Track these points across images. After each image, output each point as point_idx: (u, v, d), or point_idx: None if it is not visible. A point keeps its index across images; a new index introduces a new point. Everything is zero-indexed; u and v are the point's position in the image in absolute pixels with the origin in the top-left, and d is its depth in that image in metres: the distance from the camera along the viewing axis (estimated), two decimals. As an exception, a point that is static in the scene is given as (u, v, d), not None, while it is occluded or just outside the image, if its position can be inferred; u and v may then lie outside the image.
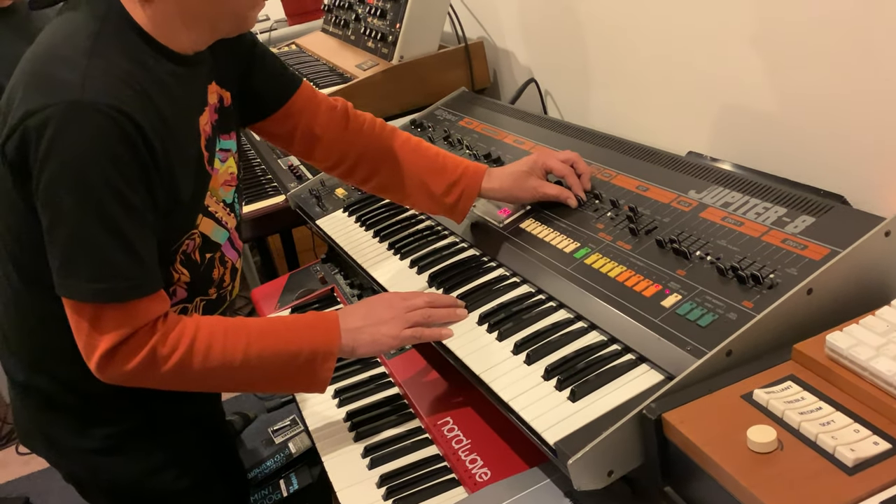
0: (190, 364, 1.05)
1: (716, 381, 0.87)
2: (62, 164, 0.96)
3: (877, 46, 1.02)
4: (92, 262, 0.99)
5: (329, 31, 2.45)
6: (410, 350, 1.44)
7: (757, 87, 1.25)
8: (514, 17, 1.94)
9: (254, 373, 1.11)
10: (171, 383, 1.08)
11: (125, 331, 1.02)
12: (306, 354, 1.12)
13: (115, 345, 1.02)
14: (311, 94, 1.35)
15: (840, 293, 0.93)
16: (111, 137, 0.96)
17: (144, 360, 1.03)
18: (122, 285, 1.00)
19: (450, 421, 1.23)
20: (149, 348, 1.03)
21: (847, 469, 0.71)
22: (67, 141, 0.95)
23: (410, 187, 1.35)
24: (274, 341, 1.11)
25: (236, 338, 1.09)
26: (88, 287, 0.99)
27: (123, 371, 1.03)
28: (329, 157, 1.37)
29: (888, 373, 0.76)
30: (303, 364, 1.12)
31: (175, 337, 1.05)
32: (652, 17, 1.44)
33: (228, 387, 1.19)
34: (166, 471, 1.26)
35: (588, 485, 0.88)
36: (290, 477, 2.10)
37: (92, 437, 1.21)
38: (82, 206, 0.97)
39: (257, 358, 1.09)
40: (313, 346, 1.13)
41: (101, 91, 0.97)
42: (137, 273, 1.02)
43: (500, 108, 1.77)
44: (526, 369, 1.04)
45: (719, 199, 1.14)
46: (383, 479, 1.16)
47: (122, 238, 0.99)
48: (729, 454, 0.76)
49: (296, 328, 1.14)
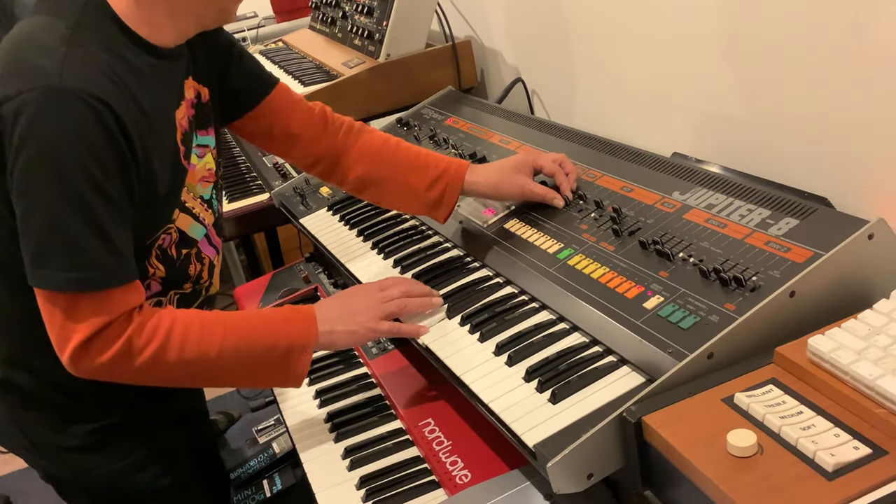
0: (165, 356, 1.04)
1: (697, 384, 0.86)
2: (38, 150, 0.94)
3: (860, 49, 1.01)
4: (66, 251, 0.97)
5: (316, 28, 2.44)
6: (392, 351, 1.43)
7: (742, 89, 1.25)
8: (502, 17, 1.94)
9: (229, 366, 1.09)
10: (145, 377, 1.06)
11: (100, 321, 0.99)
12: (282, 348, 1.10)
13: (90, 336, 0.99)
14: (287, 93, 1.35)
15: (823, 296, 0.93)
16: (89, 124, 0.95)
17: (119, 352, 1.01)
18: (97, 274, 0.98)
19: (431, 422, 1.22)
20: (123, 339, 1.01)
21: (827, 474, 0.70)
22: (44, 127, 0.93)
23: (392, 185, 1.34)
24: (250, 334, 1.09)
25: (212, 330, 1.07)
26: (62, 276, 0.97)
27: (97, 363, 1.01)
28: (308, 155, 1.36)
29: (869, 377, 0.75)
30: (279, 358, 1.11)
31: (151, 328, 1.03)
32: (639, 19, 1.44)
33: (203, 381, 1.17)
34: (147, 469, 1.24)
35: (567, 488, 0.87)
36: (273, 477, 2.09)
37: (73, 435, 1.19)
38: (57, 194, 0.95)
39: (233, 350, 1.07)
40: (289, 339, 1.11)
41: (80, 78, 0.95)
42: (113, 262, 1.00)
43: (487, 108, 1.76)
44: (507, 371, 1.03)
45: (703, 201, 1.14)
46: (363, 480, 1.15)
47: (98, 227, 0.98)
48: (709, 458, 0.75)
49: (272, 321, 1.12)
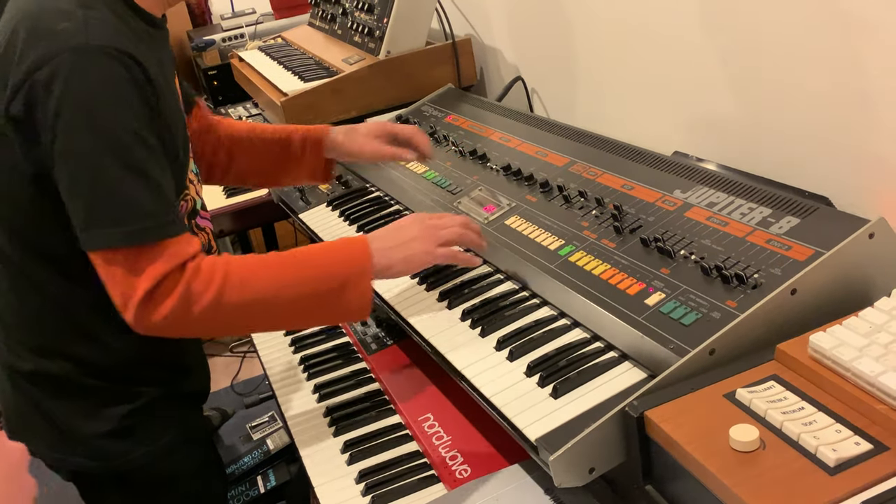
0: (226, 299, 1.02)
1: (699, 379, 0.86)
2: (77, 110, 0.94)
3: (862, 48, 1.02)
4: (119, 206, 0.97)
5: (316, 25, 2.44)
6: (392, 346, 1.43)
7: (743, 88, 1.25)
8: (502, 15, 1.94)
9: (289, 304, 1.08)
10: (208, 324, 1.05)
11: (159, 272, 0.99)
12: (339, 278, 1.09)
13: (152, 288, 0.98)
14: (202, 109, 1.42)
15: (824, 294, 0.93)
16: (122, 79, 0.96)
17: (180, 301, 1.00)
18: (152, 224, 0.98)
19: (430, 417, 1.22)
20: (183, 286, 1.00)
21: (829, 469, 0.71)
22: (79, 87, 0.94)
23: (264, 159, 1.44)
24: (304, 268, 1.09)
25: (269, 269, 1.07)
26: (118, 232, 0.97)
27: (161, 316, 1.00)
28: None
29: (871, 373, 0.76)
30: (336, 289, 1.09)
31: (207, 273, 1.02)
32: (640, 18, 1.44)
33: (265, 323, 1.16)
34: (176, 452, 1.24)
35: (569, 482, 0.87)
36: (267, 473, 2.09)
37: (106, 420, 1.18)
38: (103, 150, 0.95)
39: (290, 286, 1.06)
40: (345, 268, 1.10)
41: (106, 36, 0.96)
42: (166, 212, 1.00)
43: (487, 106, 1.76)
44: (508, 366, 1.03)
45: (704, 199, 1.14)
46: (362, 474, 1.15)
47: (147, 178, 0.98)
48: (711, 453, 0.76)
49: (324, 253, 1.13)
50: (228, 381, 2.96)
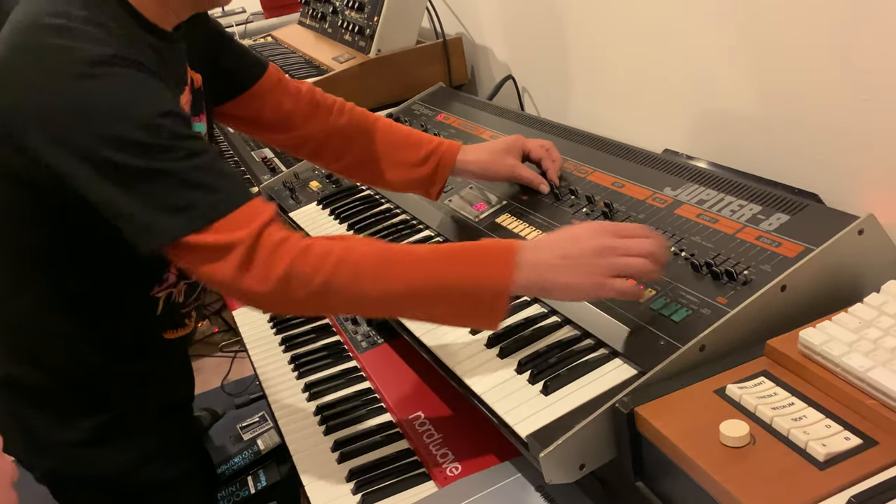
0: (334, 285, 0.93)
1: (689, 376, 0.86)
2: (106, 115, 0.89)
3: (851, 45, 1.02)
4: (178, 192, 0.91)
5: (306, 23, 2.43)
6: (382, 345, 1.42)
7: (733, 86, 1.25)
8: (493, 14, 1.94)
9: (409, 302, 0.97)
10: (322, 301, 0.96)
11: (235, 237, 0.91)
12: (473, 290, 0.94)
13: (240, 263, 0.91)
14: (278, 76, 1.33)
15: (813, 290, 0.93)
16: (140, 77, 0.92)
17: (293, 264, 0.92)
18: (219, 197, 0.92)
19: (421, 415, 1.22)
20: (288, 262, 0.92)
21: (818, 464, 0.71)
22: (102, 94, 0.90)
23: (384, 162, 1.33)
24: (434, 272, 0.95)
25: (389, 263, 0.96)
26: (185, 217, 0.91)
27: (273, 290, 0.92)
28: (297, 137, 1.34)
29: (860, 369, 0.76)
30: (457, 311, 0.97)
31: (320, 254, 0.94)
32: (629, 16, 1.44)
33: (377, 311, 1.07)
34: (154, 461, 1.22)
35: (559, 478, 0.87)
36: (258, 474, 2.08)
37: (81, 429, 1.15)
38: (149, 150, 0.90)
39: (418, 286, 0.95)
40: (480, 281, 0.94)
41: (115, 45, 0.92)
42: (229, 182, 0.95)
43: (478, 104, 1.76)
44: (499, 363, 1.03)
45: (695, 197, 1.14)
46: (353, 473, 1.14)
47: (199, 159, 0.93)
48: (701, 448, 0.76)
49: (461, 259, 0.97)
50: (219, 382, 2.95)
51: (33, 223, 1.00)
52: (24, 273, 1.02)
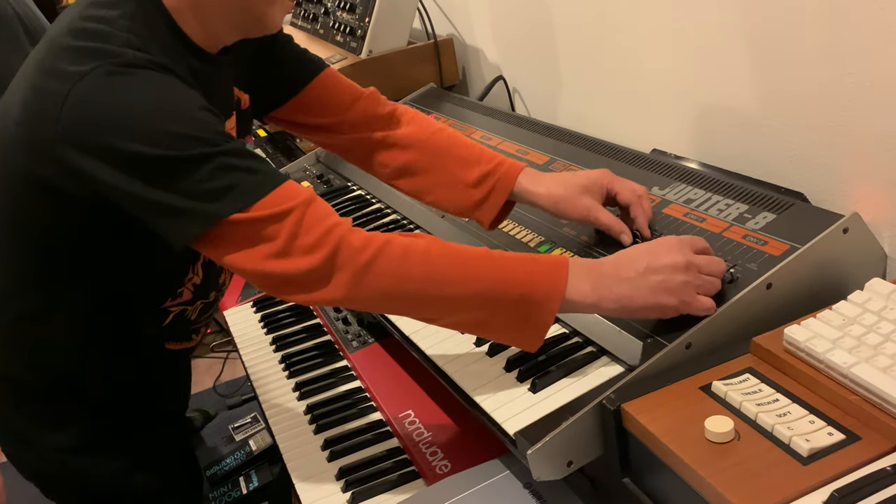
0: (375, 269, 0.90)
1: (675, 373, 0.87)
2: (136, 117, 0.89)
3: (838, 44, 1.03)
4: (212, 180, 0.89)
5: (298, 24, 2.44)
6: (373, 344, 1.43)
7: (720, 87, 1.26)
8: (484, 15, 1.95)
9: (447, 305, 0.93)
10: (380, 276, 0.91)
11: (298, 202, 0.90)
12: (518, 300, 0.91)
13: (282, 249, 0.89)
14: (333, 78, 1.26)
15: (799, 288, 0.94)
16: (171, 79, 0.92)
17: (331, 234, 0.90)
18: (256, 178, 0.91)
19: (411, 414, 1.22)
20: (332, 246, 0.90)
21: (802, 459, 0.72)
22: (134, 94, 0.89)
23: (434, 176, 1.20)
24: (481, 275, 0.92)
25: (434, 261, 0.92)
26: (221, 202, 0.89)
27: (327, 253, 0.89)
28: (348, 140, 1.26)
29: (844, 365, 0.77)
30: (518, 312, 0.92)
31: (361, 242, 0.91)
32: (619, 16, 1.45)
33: (414, 313, 0.98)
34: (144, 470, 1.21)
35: (547, 475, 0.87)
36: (250, 474, 2.08)
37: (68, 435, 1.15)
38: (183, 140, 0.88)
39: (464, 291, 0.91)
40: (529, 289, 0.91)
41: (149, 57, 0.92)
42: (266, 165, 0.93)
43: (469, 105, 1.77)
44: (489, 361, 1.03)
45: (682, 196, 1.15)
46: (343, 471, 1.15)
47: (226, 141, 0.91)
48: (687, 444, 0.76)
49: (516, 263, 0.94)
50: (211, 383, 2.95)
51: (51, 229, 0.99)
52: (30, 275, 1.01)
